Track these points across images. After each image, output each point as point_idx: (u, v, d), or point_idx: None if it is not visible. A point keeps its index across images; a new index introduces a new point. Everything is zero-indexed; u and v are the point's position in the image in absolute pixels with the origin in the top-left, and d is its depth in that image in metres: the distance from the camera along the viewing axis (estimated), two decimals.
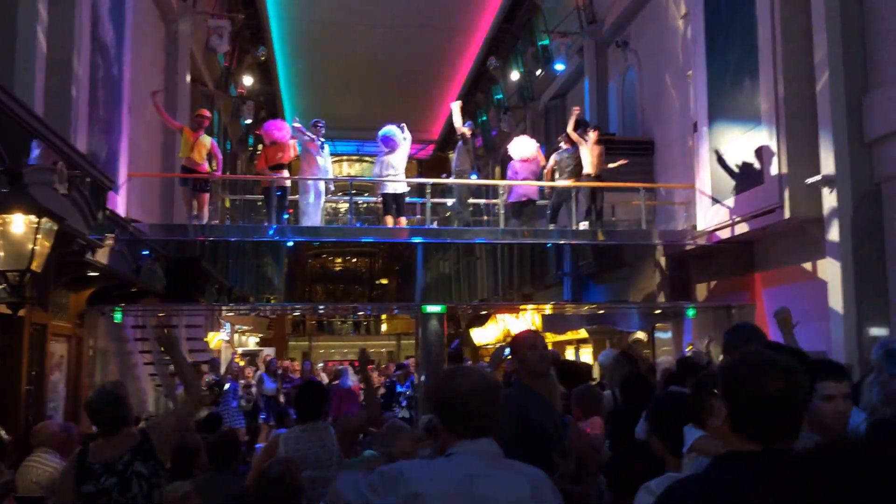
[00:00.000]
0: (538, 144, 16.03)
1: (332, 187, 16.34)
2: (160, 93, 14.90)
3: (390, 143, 14.85)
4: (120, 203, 11.87)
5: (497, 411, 3.06)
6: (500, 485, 2.87)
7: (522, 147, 15.52)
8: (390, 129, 14.92)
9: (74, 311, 11.13)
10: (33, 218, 6.98)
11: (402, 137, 14.92)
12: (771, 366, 2.44)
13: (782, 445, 2.37)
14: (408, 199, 15.43)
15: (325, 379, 19.41)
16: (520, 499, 2.89)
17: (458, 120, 15.79)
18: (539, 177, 15.55)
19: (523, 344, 5.17)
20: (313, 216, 14.87)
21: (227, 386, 15.37)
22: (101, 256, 10.03)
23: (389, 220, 14.75)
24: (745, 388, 2.44)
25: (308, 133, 14.84)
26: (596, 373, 13.32)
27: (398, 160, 14.88)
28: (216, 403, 14.16)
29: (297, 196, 15.29)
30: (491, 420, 3.02)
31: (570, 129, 15.24)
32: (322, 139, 15.08)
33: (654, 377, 8.95)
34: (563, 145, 15.53)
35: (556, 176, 15.43)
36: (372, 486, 2.86)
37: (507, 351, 6.39)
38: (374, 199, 16.44)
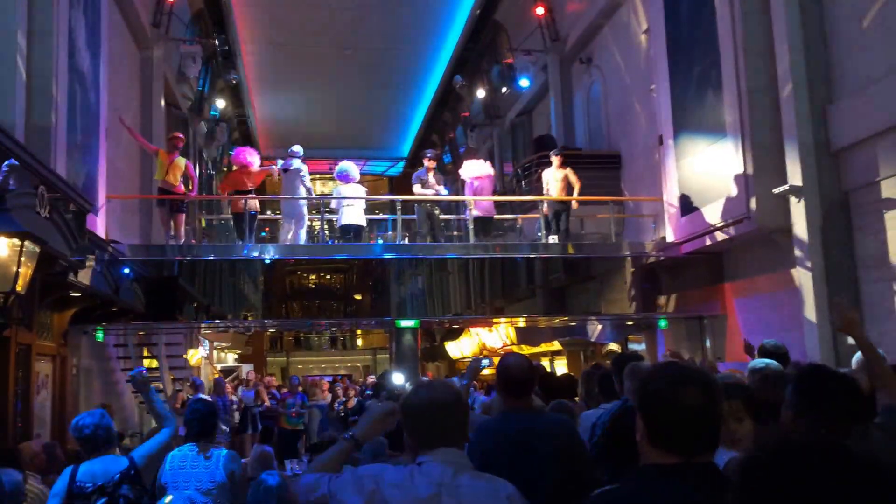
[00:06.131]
0: (489, 162, 16.39)
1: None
2: (125, 116, 15.08)
3: (345, 178, 15.37)
4: (99, 225, 12.02)
5: (463, 423, 3.11)
6: (469, 495, 2.88)
7: (475, 167, 15.90)
8: (346, 165, 15.58)
9: (58, 331, 11.28)
10: (16, 241, 7.14)
11: (356, 174, 15.53)
12: (686, 378, 2.44)
13: (701, 458, 2.37)
14: (380, 216, 15.73)
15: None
16: None
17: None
18: (495, 193, 15.97)
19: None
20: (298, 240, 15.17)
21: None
22: (84, 277, 10.20)
23: None
24: (661, 400, 2.43)
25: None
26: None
27: (354, 192, 15.36)
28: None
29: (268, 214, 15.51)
30: (455, 431, 3.06)
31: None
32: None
33: None
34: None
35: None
36: (342, 485, 2.96)
37: (485, 362, 6.40)
38: None
